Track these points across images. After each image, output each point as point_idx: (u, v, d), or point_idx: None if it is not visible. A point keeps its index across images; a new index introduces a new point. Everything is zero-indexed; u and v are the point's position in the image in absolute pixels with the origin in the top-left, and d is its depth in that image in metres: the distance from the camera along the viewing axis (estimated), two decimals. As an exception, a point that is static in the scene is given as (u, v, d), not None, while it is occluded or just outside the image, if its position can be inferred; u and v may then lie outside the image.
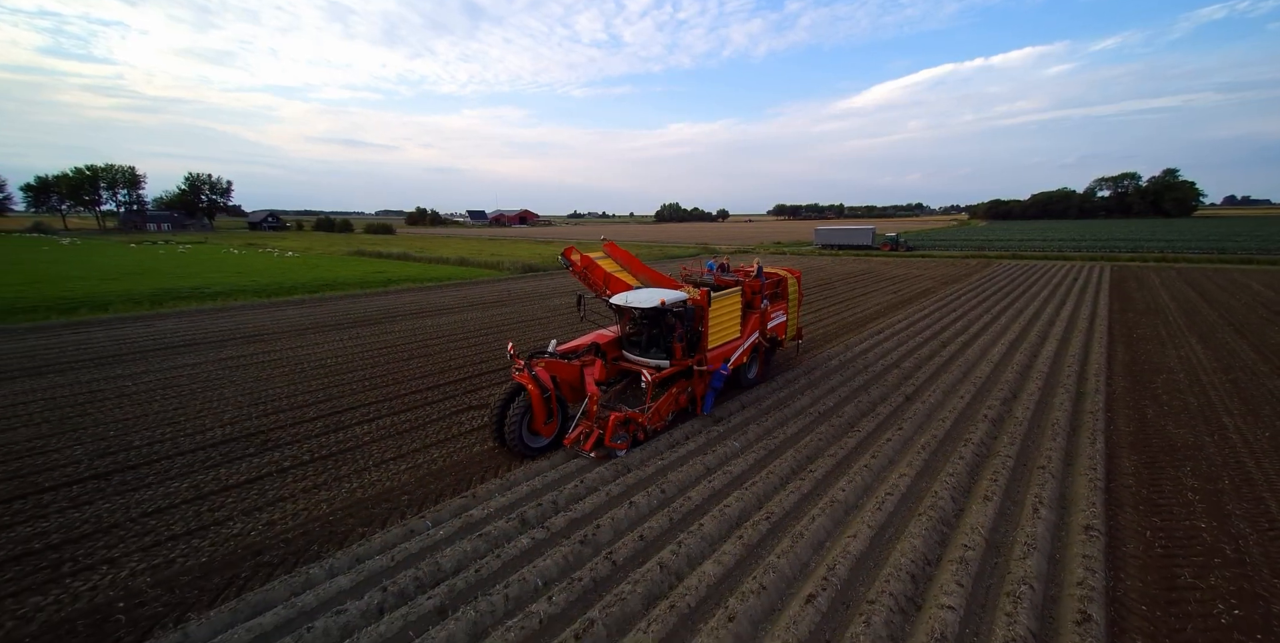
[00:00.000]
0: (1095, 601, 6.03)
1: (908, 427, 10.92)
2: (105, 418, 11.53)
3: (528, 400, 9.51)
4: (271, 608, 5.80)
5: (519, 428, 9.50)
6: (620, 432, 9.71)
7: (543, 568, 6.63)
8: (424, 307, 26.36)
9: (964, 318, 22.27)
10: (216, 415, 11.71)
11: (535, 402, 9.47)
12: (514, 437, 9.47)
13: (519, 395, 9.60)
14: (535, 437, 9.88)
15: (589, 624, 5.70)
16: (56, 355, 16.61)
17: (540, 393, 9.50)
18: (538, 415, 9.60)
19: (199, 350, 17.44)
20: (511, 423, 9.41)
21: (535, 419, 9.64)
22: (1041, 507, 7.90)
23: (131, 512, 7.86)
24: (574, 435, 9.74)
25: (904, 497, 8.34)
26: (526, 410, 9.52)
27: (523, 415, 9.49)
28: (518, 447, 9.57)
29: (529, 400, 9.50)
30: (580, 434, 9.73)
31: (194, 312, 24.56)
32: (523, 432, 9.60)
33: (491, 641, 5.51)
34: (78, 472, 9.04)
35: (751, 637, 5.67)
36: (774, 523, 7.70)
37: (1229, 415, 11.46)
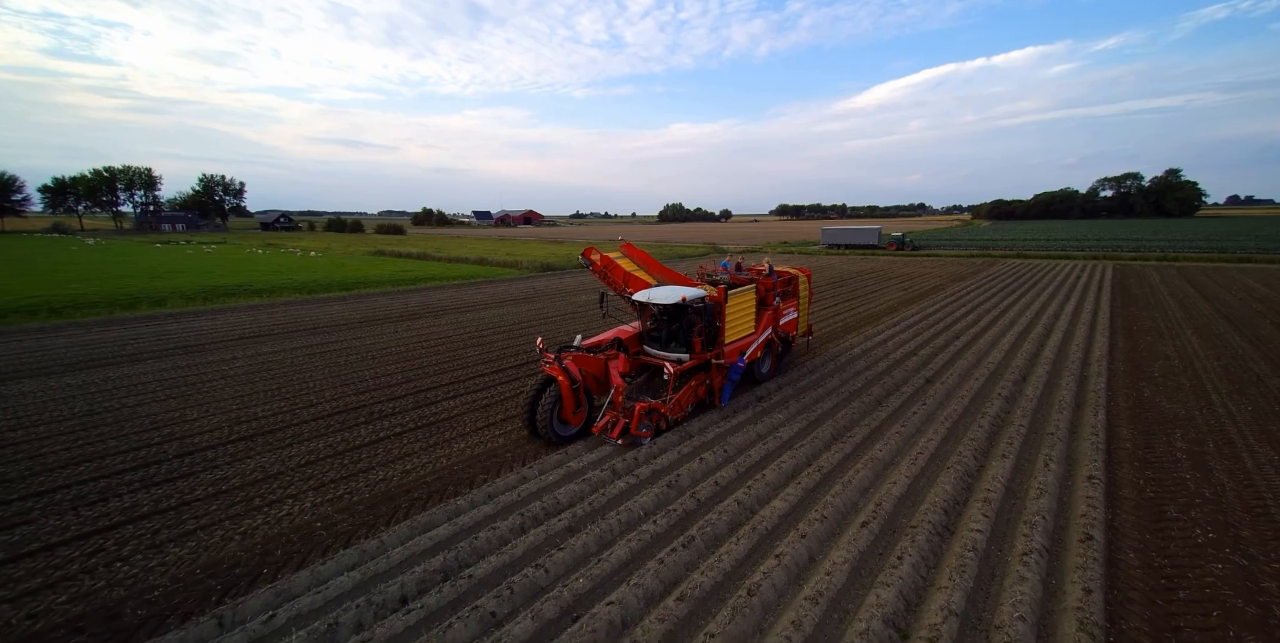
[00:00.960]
0: (1096, 527, 7.46)
1: (930, 403, 12.36)
2: (221, 395, 13.06)
3: (558, 391, 10.01)
4: (439, 525, 7.30)
5: (550, 417, 10.00)
6: (645, 421, 10.26)
7: (642, 503, 8.10)
8: (460, 303, 27.86)
9: (974, 312, 23.69)
10: (317, 393, 13.22)
11: (565, 392, 9.97)
12: (545, 425, 9.97)
13: (549, 387, 10.13)
14: (565, 425, 10.39)
15: (689, 540, 7.17)
16: (145, 345, 18.16)
17: (570, 384, 10.01)
18: (567, 405, 10.09)
19: (272, 341, 18.97)
20: (543, 413, 9.91)
21: (565, 409, 10.13)
22: (1051, 463, 9.33)
23: (288, 464, 9.39)
24: (602, 424, 10.25)
25: (933, 456, 9.78)
26: (557, 401, 10.03)
27: (553, 405, 10.00)
28: (549, 435, 10.07)
29: (559, 391, 10.00)
30: (608, 423, 10.24)
31: (248, 307, 26.11)
32: (553, 421, 10.09)
33: (616, 548, 6.98)
34: (225, 436, 10.57)
35: (819, 550, 7.12)
36: (825, 474, 9.15)
37: (1217, 394, 12.87)
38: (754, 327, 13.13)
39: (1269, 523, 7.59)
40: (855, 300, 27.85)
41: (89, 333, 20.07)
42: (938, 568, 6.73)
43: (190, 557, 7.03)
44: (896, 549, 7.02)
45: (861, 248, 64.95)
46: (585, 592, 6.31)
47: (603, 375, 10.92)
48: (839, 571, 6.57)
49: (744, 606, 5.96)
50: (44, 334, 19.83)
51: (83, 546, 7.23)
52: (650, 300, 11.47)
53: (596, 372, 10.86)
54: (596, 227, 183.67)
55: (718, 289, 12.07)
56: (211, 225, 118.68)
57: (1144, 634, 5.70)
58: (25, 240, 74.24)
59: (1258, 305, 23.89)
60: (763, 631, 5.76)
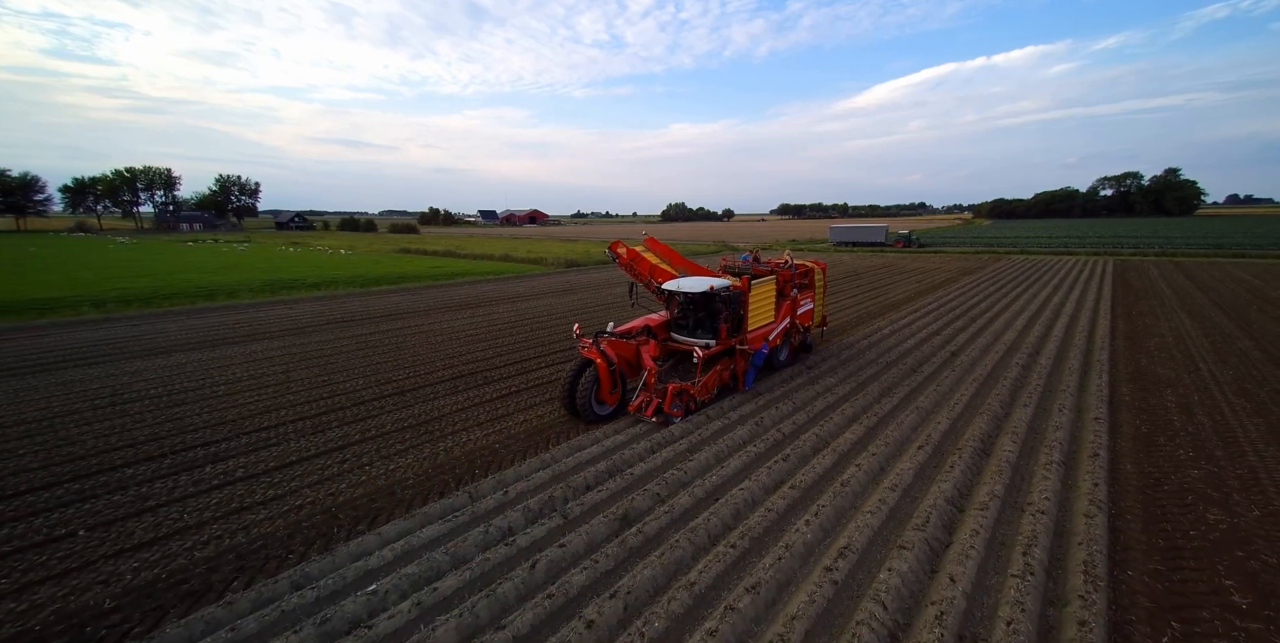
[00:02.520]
0: (1101, 449, 9.57)
1: (959, 370, 14.47)
2: (350, 365, 15.26)
3: (596, 373, 10.73)
4: (590, 446, 9.44)
5: (589, 397, 10.66)
6: (676, 401, 10.90)
7: (738, 435, 10.25)
8: (507, 295, 29.97)
9: (985, 301, 25.82)
10: (429, 364, 15.37)
11: (603, 374, 10.70)
12: (584, 405, 10.62)
13: (587, 369, 10.82)
14: (602, 405, 11.05)
15: (786, 456, 9.30)
16: (257, 328, 20.46)
17: (608, 366, 10.75)
18: (604, 386, 10.81)
19: (360, 325, 21.11)
20: (582, 393, 10.58)
21: (602, 389, 10.84)
22: (1064, 410, 11.44)
23: (443, 411, 11.59)
24: (636, 403, 10.96)
25: (966, 406, 11.88)
26: (595, 382, 10.74)
27: (592, 386, 10.67)
28: (587, 414, 10.73)
29: (597, 373, 10.73)
30: (642, 402, 10.92)
31: (314, 298, 28.24)
32: (591, 401, 10.74)
33: (731, 461, 9.10)
34: (378, 392, 12.77)
35: (888, 463, 9.21)
36: (880, 418, 11.23)
37: (1204, 362, 14.98)
38: (774, 316, 13.84)
39: (1237, 446, 9.71)
40: (874, 291, 29.98)
41: (191, 319, 22.22)
42: (981, 473, 8.86)
43: (416, 464, 9.28)
44: (948, 462, 9.14)
45: (869, 245, 67.01)
46: (716, 485, 8.45)
47: (634, 359, 11.63)
48: (906, 474, 8.70)
49: (839, 492, 8.09)
50: (145, 321, 21.97)
51: (332, 457, 9.58)
52: (680, 290, 12.21)
53: (629, 356, 11.55)
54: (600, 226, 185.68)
55: (741, 279, 12.78)
56: (228, 225, 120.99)
57: (1137, 509, 7.82)
58: (60, 240, 76.39)
59: (1247, 295, 25.99)
60: (856, 507, 7.89)
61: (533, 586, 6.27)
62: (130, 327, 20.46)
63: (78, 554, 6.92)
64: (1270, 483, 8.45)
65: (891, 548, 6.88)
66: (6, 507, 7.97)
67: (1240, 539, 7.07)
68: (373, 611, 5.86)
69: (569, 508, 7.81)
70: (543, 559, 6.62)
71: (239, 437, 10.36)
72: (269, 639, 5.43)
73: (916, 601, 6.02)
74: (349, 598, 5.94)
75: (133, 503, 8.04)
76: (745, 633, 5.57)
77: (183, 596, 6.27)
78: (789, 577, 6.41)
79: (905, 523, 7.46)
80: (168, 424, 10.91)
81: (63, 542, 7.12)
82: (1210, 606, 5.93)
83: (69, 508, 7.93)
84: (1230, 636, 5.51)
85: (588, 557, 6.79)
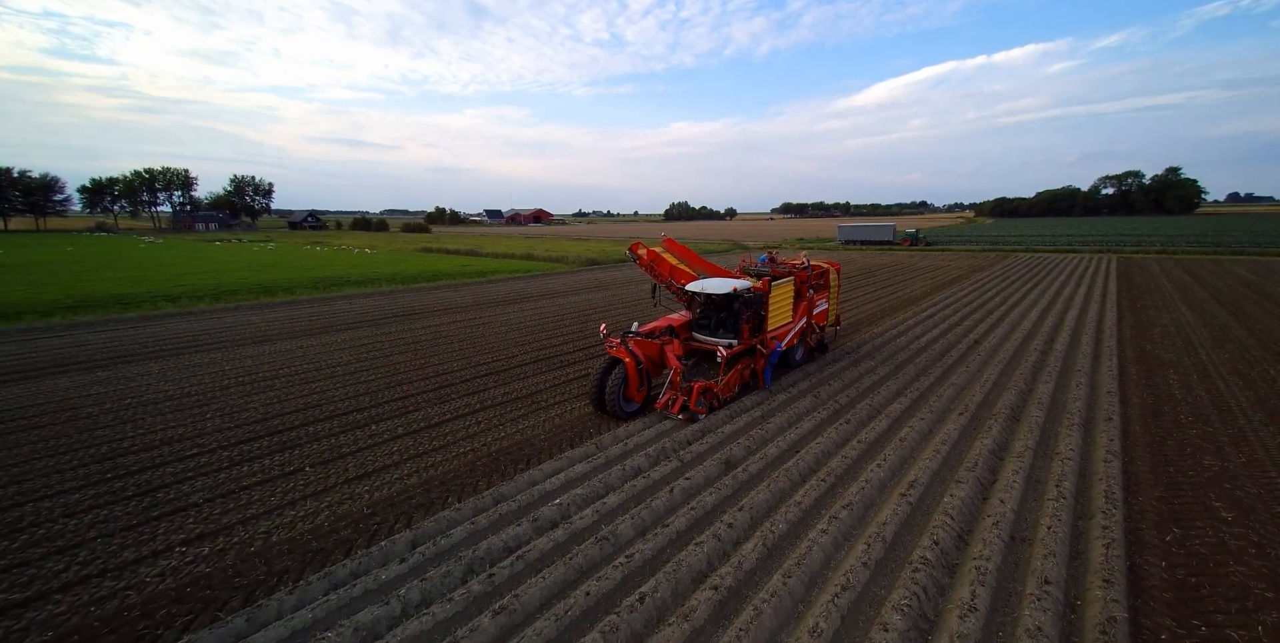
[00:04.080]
0: (1114, 415, 11.33)
1: (983, 354, 16.23)
2: (435, 351, 17.09)
3: (624, 371, 11.11)
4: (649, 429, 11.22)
5: (618, 394, 11.04)
6: (701, 398, 11.28)
7: (801, 406, 12.01)
8: (544, 291, 31.74)
9: (999, 295, 27.58)
10: (505, 350, 17.15)
11: (631, 372, 11.08)
12: (614, 402, 11.00)
13: (615, 368, 11.21)
14: (629, 402, 11.43)
15: (846, 421, 11.07)
16: (333, 321, 22.27)
17: (636, 365, 11.13)
18: (632, 384, 11.18)
19: (425, 317, 22.91)
20: (611, 390, 10.96)
21: (630, 387, 11.21)
22: (1080, 385, 13.20)
23: (541, 386, 13.43)
24: (663, 401, 11.31)
25: (995, 383, 13.64)
26: (624, 380, 11.11)
27: (621, 384, 11.04)
28: (616, 410, 11.07)
29: (625, 371, 11.11)
30: (668, 400, 11.26)
31: (364, 295, 30.01)
32: (620, 398, 11.11)
33: (803, 423, 10.88)
34: (472, 374, 14.63)
35: (934, 427, 10.97)
36: (920, 393, 12.99)
37: (1202, 348, 16.72)
38: (791, 316, 14.18)
39: (1229, 413, 11.47)
40: (891, 287, 31.73)
41: (267, 312, 24.03)
42: (1015, 432, 10.63)
43: (540, 425, 11.15)
44: (986, 425, 10.91)
45: (876, 244, 68.69)
46: (795, 441, 10.23)
47: (659, 358, 12.02)
48: (952, 432, 10.47)
49: (899, 446, 9.87)
50: (225, 314, 23.77)
51: (466, 420, 11.48)
52: (703, 290, 12.55)
53: (653, 355, 11.91)
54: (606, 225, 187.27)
55: (762, 281, 13.16)
56: (242, 224, 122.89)
57: (1145, 457, 9.58)
58: (88, 239, 78.27)
59: (1245, 290, 27.73)
60: (915, 456, 9.66)
61: (675, 503, 8.08)
62: (214, 320, 22.24)
63: (317, 482, 8.84)
64: (1256, 440, 10.21)
65: (949, 483, 8.65)
66: (231, 453, 9.86)
67: (1228, 477, 8.83)
68: (565, 515, 7.70)
69: (681, 455, 9.61)
70: (676, 487, 8.41)
71: (380, 405, 12.17)
72: (503, 528, 7.38)
73: (975, 516, 7.79)
74: (544, 507, 7.77)
75: (329, 451, 9.87)
76: (847, 534, 7.35)
77: (417, 505, 8.18)
78: (872, 500, 8.19)
79: (958, 466, 9.23)
80: (314, 396, 12.73)
81: (296, 476, 8.97)
82: (1202, 518, 7.69)
83: (277, 455, 9.76)
84: (1217, 535, 7.27)
85: (709, 487, 8.57)
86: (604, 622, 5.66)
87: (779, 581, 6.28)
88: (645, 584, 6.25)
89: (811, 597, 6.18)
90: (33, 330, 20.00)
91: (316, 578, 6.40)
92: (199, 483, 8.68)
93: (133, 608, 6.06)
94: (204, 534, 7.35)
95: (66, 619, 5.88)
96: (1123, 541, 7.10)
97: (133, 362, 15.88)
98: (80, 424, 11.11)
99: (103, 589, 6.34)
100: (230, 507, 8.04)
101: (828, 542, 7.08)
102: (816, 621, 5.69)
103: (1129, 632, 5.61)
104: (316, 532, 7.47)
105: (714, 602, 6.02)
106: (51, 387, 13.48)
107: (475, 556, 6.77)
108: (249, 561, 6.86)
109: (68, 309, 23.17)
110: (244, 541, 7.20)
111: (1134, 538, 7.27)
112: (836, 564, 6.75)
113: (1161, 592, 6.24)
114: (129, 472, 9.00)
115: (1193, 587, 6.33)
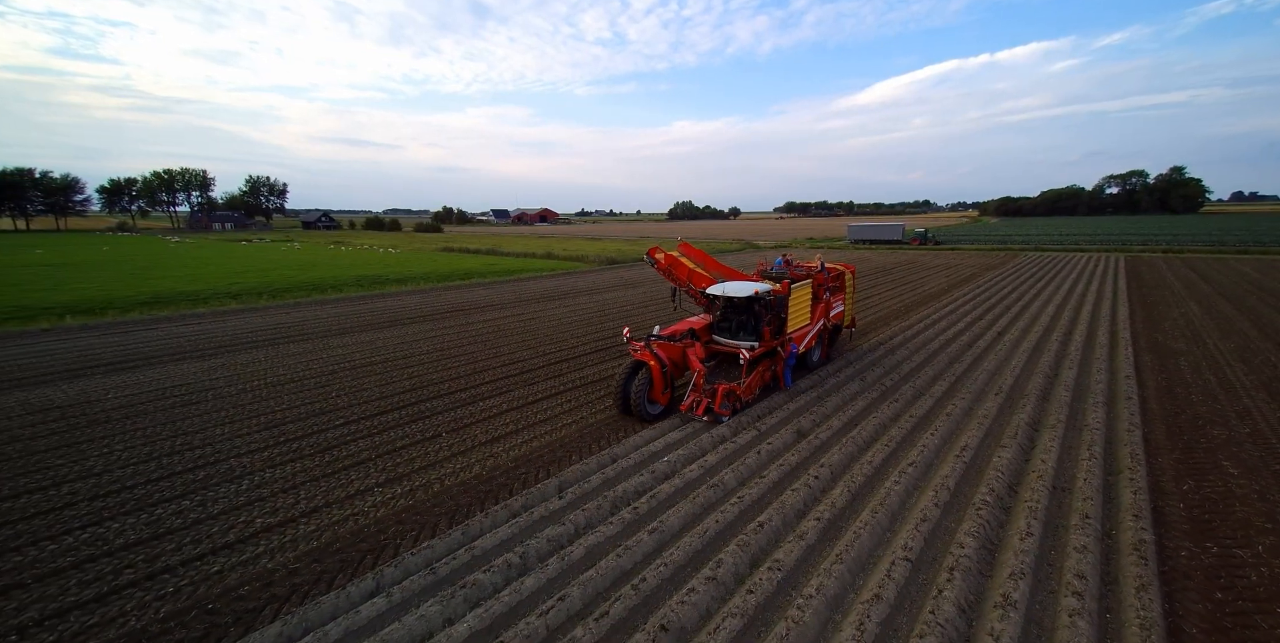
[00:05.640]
0: (1133, 394, 12.78)
1: (1008, 344, 17.67)
2: (504, 342, 18.64)
3: (648, 374, 11.27)
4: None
5: (643, 397, 11.17)
6: (725, 401, 11.36)
7: (851, 388, 13.48)
8: (577, 289, 33.23)
9: (1015, 292, 28.99)
10: (566, 341, 18.66)
11: (656, 375, 11.23)
12: (638, 405, 11.12)
13: (640, 371, 11.39)
14: (654, 405, 11.53)
15: (894, 401, 12.53)
16: (394, 315, 23.87)
17: (661, 368, 11.29)
18: (657, 386, 11.33)
19: (475, 313, 24.45)
20: (636, 393, 11.08)
21: (654, 389, 11.37)
22: (1101, 371, 14.64)
23: (611, 371, 14.86)
24: (688, 403, 11.42)
25: (1023, 370, 15.07)
26: (649, 383, 11.27)
27: (646, 387, 11.21)
28: (641, 412, 11.21)
29: (649, 374, 11.27)
30: (693, 402, 11.39)
31: (406, 293, 31.54)
32: (644, 401, 11.23)
33: (856, 401, 12.35)
34: (547, 361, 16.14)
35: (974, 406, 12.43)
36: (956, 378, 14.44)
37: (1210, 338, 18.14)
38: (809, 318, 14.42)
39: (1235, 393, 12.90)
40: (909, 285, 33.15)
41: (326, 308, 25.62)
42: (1046, 409, 12.08)
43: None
44: (1019, 403, 12.37)
45: (886, 243, 70.01)
46: (854, 416, 11.71)
47: (681, 361, 12.20)
48: (991, 409, 11.94)
49: (946, 420, 11.34)
50: (291, 310, 25.38)
51: (558, 398, 12.97)
52: (725, 294, 12.82)
53: (676, 357, 12.09)
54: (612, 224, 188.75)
55: (782, 284, 13.41)
56: (257, 224, 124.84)
57: (1162, 429, 11.04)
58: (116, 239, 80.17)
59: (1249, 286, 29.09)
60: (962, 428, 11.13)
61: (764, 461, 9.60)
62: (285, 315, 23.83)
63: (457, 445, 10.42)
64: (1259, 415, 11.64)
65: (995, 447, 10.13)
66: (371, 423, 11.43)
67: (1235, 443, 10.27)
68: (674, 469, 9.22)
69: (758, 426, 11.11)
70: (761, 450, 9.91)
71: (477, 387, 13.72)
72: (628, 478, 8.98)
73: (1021, 472, 9.26)
74: (656, 463, 9.30)
75: (453, 422, 11.42)
76: (915, 484, 8.83)
77: (550, 461, 9.77)
78: (932, 460, 9.68)
79: (1000, 435, 10.70)
80: (416, 379, 14.30)
81: (436, 440, 10.54)
82: (1213, 473, 9.15)
83: (410, 425, 11.32)
84: (1225, 486, 8.73)
85: (788, 451, 10.07)
86: (735, 539, 7.18)
87: (868, 515, 7.78)
88: (760, 516, 7.76)
89: (896, 526, 7.68)
90: (124, 324, 21.62)
91: (497, 508, 7.98)
92: (361, 445, 10.25)
93: (368, 527, 7.70)
94: (390, 480, 8.94)
95: (319, 536, 7.51)
96: (1147, 489, 8.56)
97: (237, 351, 17.50)
98: (229, 401, 12.73)
99: (335, 516, 7.95)
100: (398, 461, 9.62)
101: (901, 490, 8.57)
102: (905, 540, 7.18)
103: (1156, 551, 7.08)
104: (479, 479, 9.05)
105: (819, 528, 7.53)
106: (179, 371, 15.09)
107: (615, 495, 8.29)
108: (437, 497, 8.45)
109: (144, 305, 24.78)
110: (425, 485, 8.76)
111: (1156, 487, 8.73)
112: (912, 505, 8.24)
113: (1180, 524, 7.72)
114: (295, 437, 10.57)
115: (1205, 521, 7.80)
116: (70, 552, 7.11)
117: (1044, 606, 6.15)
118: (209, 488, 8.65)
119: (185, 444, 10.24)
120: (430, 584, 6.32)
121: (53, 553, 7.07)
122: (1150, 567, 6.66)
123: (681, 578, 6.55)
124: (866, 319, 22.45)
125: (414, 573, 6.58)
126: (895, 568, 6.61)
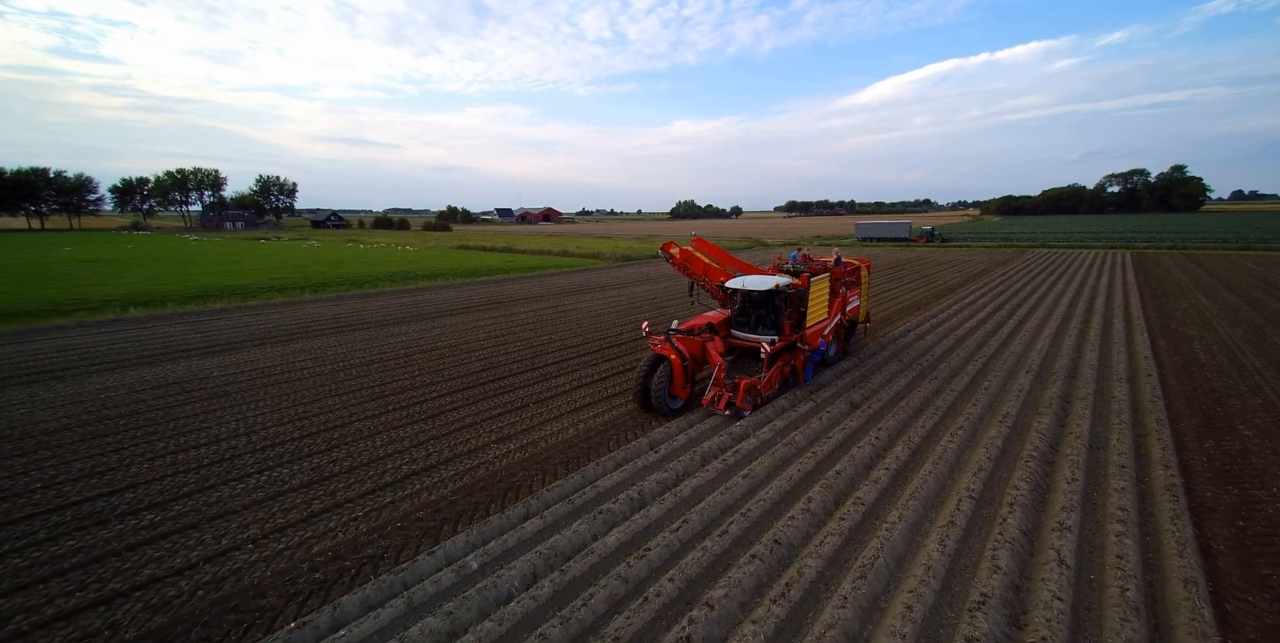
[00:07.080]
0: (1153, 373, 13.86)
1: (1030, 331, 18.77)
2: (552, 330, 19.79)
3: (669, 369, 11.23)
4: (806, 370, 13.85)
5: (663, 392, 11.15)
6: (746, 396, 11.31)
7: (890, 369, 14.58)
8: (602, 284, 34.32)
9: (1028, 286, 30.08)
10: (610, 330, 19.77)
11: (676, 369, 11.20)
12: (659, 399, 11.11)
13: (660, 365, 11.37)
14: (674, 399, 11.46)
15: (932, 379, 13.62)
16: (441, 307, 25.05)
17: (682, 362, 11.27)
18: (677, 380, 11.25)
19: (513, 306, 25.59)
20: (657, 388, 11.08)
21: (675, 384, 11.27)
22: (1120, 353, 15.73)
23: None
24: (709, 397, 11.38)
25: (1048, 353, 16.16)
26: (669, 377, 11.21)
27: (666, 381, 11.17)
28: (661, 406, 11.19)
29: (670, 369, 11.23)
30: (714, 396, 11.34)
31: (438, 287, 32.65)
32: (665, 395, 11.20)
33: (897, 381, 13.44)
34: (599, 346, 17.31)
35: (1008, 382, 13.51)
36: (987, 360, 15.53)
37: (1219, 325, 19.23)
38: (826, 312, 14.36)
39: (1245, 370, 14.00)
40: (925, 279, 34.24)
41: (369, 301, 26.76)
42: (1075, 385, 13.18)
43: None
44: (1049, 379, 13.48)
45: (893, 240, 71.09)
46: (899, 390, 12.80)
47: (700, 355, 12.19)
48: (1025, 385, 13.03)
49: (984, 395, 12.43)
50: (335, 303, 26.49)
51: (618, 378, 13.99)
52: (745, 287, 12.78)
53: (695, 352, 12.06)
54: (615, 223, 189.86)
55: (801, 277, 13.39)
56: (267, 223, 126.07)
57: (1181, 400, 12.13)
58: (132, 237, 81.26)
59: (1253, 280, 30.17)
60: (1000, 400, 12.22)
61: (826, 426, 10.73)
62: (334, 307, 24.94)
63: (544, 414, 11.57)
64: (1269, 389, 12.72)
65: (1033, 416, 11.22)
66: (460, 396, 12.60)
67: (1248, 411, 11.36)
68: (748, 432, 10.31)
69: (814, 398, 12.22)
70: (823, 417, 11.03)
71: (542, 367, 14.85)
72: (700, 443, 10.07)
73: (1059, 435, 10.36)
74: (732, 425, 10.37)
75: (533, 396, 12.56)
76: (967, 443, 9.94)
77: (631, 427, 10.86)
78: (976, 426, 10.78)
79: (1036, 407, 11.79)
80: (485, 361, 15.43)
81: (523, 411, 11.67)
82: (1230, 435, 10.24)
83: (494, 398, 12.45)
84: (1242, 444, 9.82)
85: (845, 418, 11.18)
86: (819, 482, 8.31)
87: (930, 466, 8.88)
88: (835, 467, 8.88)
89: (956, 475, 8.78)
90: (187, 314, 22.75)
91: (603, 459, 9.17)
92: (462, 413, 11.39)
93: (499, 472, 8.94)
94: (500, 438, 10.12)
95: (461, 478, 8.74)
96: (1173, 446, 9.67)
97: (309, 338, 18.64)
98: (325, 378, 13.89)
99: (468, 464, 9.17)
100: (500, 425, 10.78)
101: (955, 447, 9.68)
102: (967, 484, 8.28)
103: (1184, 491, 8.17)
104: (578, 438, 10.24)
105: (889, 475, 8.65)
106: (265, 354, 16.24)
107: (703, 451, 9.45)
108: (548, 452, 9.65)
109: (196, 298, 25.90)
110: (531, 442, 9.92)
111: (1180, 445, 9.83)
112: (967, 459, 9.34)
113: (1204, 473, 8.82)
114: (400, 406, 11.72)
115: (1226, 470, 8.89)
116: (259, 490, 8.31)
117: (1093, 530, 7.26)
118: (348, 444, 9.84)
119: (306, 411, 11.39)
120: (571, 511, 7.48)
121: (243, 491, 8.25)
122: (1181, 502, 7.77)
123: (780, 510, 7.67)
124: (890, 310, 23.55)
125: (554, 504, 7.73)
126: (963, 503, 7.72)
